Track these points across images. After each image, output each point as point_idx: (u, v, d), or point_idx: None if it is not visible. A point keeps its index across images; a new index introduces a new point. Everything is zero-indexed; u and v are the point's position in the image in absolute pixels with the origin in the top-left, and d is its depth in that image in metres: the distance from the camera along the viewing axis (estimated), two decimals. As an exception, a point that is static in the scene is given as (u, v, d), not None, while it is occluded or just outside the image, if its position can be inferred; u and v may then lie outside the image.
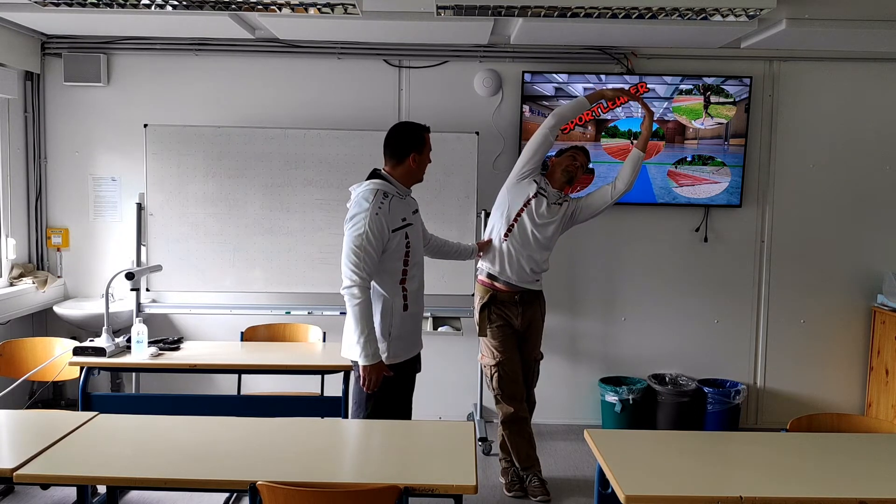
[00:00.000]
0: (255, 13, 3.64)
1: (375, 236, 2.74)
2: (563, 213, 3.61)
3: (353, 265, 2.73)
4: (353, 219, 2.79)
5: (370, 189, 2.82)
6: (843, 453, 2.35)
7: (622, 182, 3.60)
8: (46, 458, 2.19)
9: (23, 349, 3.68)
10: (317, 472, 2.15)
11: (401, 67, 4.55)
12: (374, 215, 2.75)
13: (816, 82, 4.58)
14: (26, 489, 3.55)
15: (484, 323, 3.59)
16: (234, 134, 4.31)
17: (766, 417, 4.76)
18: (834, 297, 4.70)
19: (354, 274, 2.73)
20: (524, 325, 3.62)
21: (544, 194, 3.56)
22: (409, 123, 2.99)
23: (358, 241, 2.74)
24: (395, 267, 2.85)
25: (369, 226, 2.74)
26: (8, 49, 4.19)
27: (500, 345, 3.57)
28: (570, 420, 4.68)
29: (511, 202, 3.57)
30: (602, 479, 2.25)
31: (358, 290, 2.73)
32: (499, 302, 3.58)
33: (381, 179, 2.87)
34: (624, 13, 3.48)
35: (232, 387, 4.27)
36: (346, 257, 2.75)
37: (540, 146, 3.55)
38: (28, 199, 4.61)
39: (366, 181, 2.88)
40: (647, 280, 4.68)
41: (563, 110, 3.58)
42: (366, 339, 2.74)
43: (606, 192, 3.64)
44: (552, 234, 3.59)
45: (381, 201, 2.78)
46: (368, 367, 2.76)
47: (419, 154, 2.91)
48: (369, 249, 2.74)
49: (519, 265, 3.54)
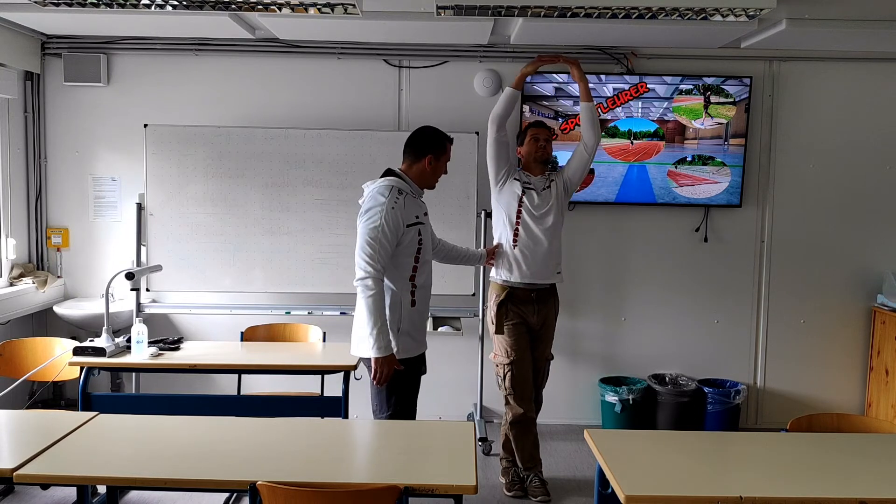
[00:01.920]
0: (255, 13, 3.64)
1: (391, 229, 2.77)
2: (556, 193, 3.60)
3: (368, 256, 2.75)
4: (368, 212, 2.81)
5: (385, 185, 2.86)
6: (843, 453, 2.35)
7: (588, 138, 3.58)
8: (46, 458, 2.19)
9: (23, 349, 3.68)
10: (317, 472, 2.15)
11: (401, 67, 4.55)
12: (391, 209, 2.78)
13: (816, 82, 4.58)
14: (26, 489, 3.55)
15: (501, 320, 3.58)
16: (234, 134, 4.31)
17: (766, 417, 4.76)
18: (834, 297, 4.70)
19: (369, 265, 2.74)
20: (539, 322, 3.61)
21: (531, 187, 3.58)
22: (436, 129, 3.02)
23: (374, 233, 2.75)
24: (405, 262, 2.87)
25: (385, 218, 2.76)
26: (8, 49, 4.19)
27: (514, 343, 3.56)
28: (570, 420, 4.68)
29: (506, 208, 3.58)
30: (602, 479, 2.25)
31: (372, 281, 2.74)
32: (516, 299, 3.58)
33: (396, 177, 2.91)
34: (624, 13, 3.48)
35: (232, 387, 4.27)
36: (361, 249, 2.76)
37: (496, 153, 3.60)
38: (28, 199, 4.61)
39: (380, 178, 2.91)
40: (647, 280, 4.68)
41: (498, 109, 3.59)
42: (378, 330, 2.74)
43: (582, 153, 3.61)
44: (556, 219, 3.58)
45: (397, 197, 2.82)
46: (381, 358, 2.76)
47: (436, 159, 2.95)
48: (384, 242, 2.76)
49: (536, 264, 3.54)
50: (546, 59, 3.63)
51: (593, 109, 3.59)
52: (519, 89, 3.64)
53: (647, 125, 4.47)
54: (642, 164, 4.50)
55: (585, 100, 3.59)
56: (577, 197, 4.51)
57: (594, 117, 3.58)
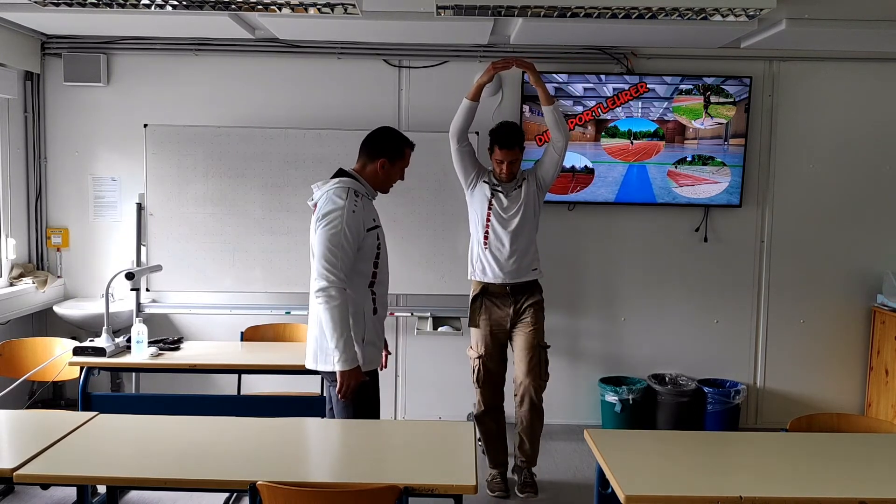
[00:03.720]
0: (255, 13, 3.64)
1: (352, 234, 2.63)
2: (526, 192, 3.59)
3: (330, 264, 2.61)
4: (326, 216, 2.65)
5: (341, 187, 2.70)
6: (843, 453, 2.35)
7: (556, 139, 3.56)
8: (46, 458, 2.19)
9: (23, 349, 3.68)
10: (317, 472, 2.15)
11: (401, 67, 4.55)
12: (351, 213, 2.64)
13: (816, 82, 4.58)
14: (26, 489, 3.55)
15: (475, 314, 3.66)
16: (234, 134, 4.31)
17: (766, 417, 4.76)
18: (834, 297, 4.70)
19: (331, 274, 2.60)
20: (515, 314, 3.63)
21: (499, 189, 3.60)
22: (397, 132, 2.88)
23: (335, 239, 2.61)
24: (365, 269, 2.74)
25: (347, 223, 2.62)
26: (8, 49, 4.19)
27: (482, 339, 3.65)
28: (570, 420, 4.68)
29: (477, 210, 3.64)
30: (602, 479, 2.25)
31: (336, 290, 2.60)
32: (490, 294, 3.64)
33: (350, 178, 2.76)
34: (624, 13, 3.48)
35: (232, 387, 4.26)
36: (322, 257, 2.62)
37: (460, 162, 3.65)
38: (28, 199, 4.61)
39: (333, 179, 2.76)
40: (647, 280, 4.68)
41: (456, 123, 3.59)
42: (345, 342, 2.61)
43: (552, 153, 3.61)
44: (525, 219, 3.58)
45: (355, 200, 2.68)
46: (347, 372, 2.62)
47: (390, 163, 2.81)
48: (346, 248, 2.63)
49: (508, 265, 3.57)
50: (500, 66, 3.57)
51: (556, 111, 3.57)
52: (475, 100, 3.59)
53: (647, 125, 4.47)
54: (642, 164, 4.50)
55: (546, 104, 3.57)
56: (577, 197, 4.52)
57: (558, 118, 3.56)
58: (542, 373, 3.64)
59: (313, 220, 2.73)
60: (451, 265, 4.35)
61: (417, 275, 4.39)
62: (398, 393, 4.73)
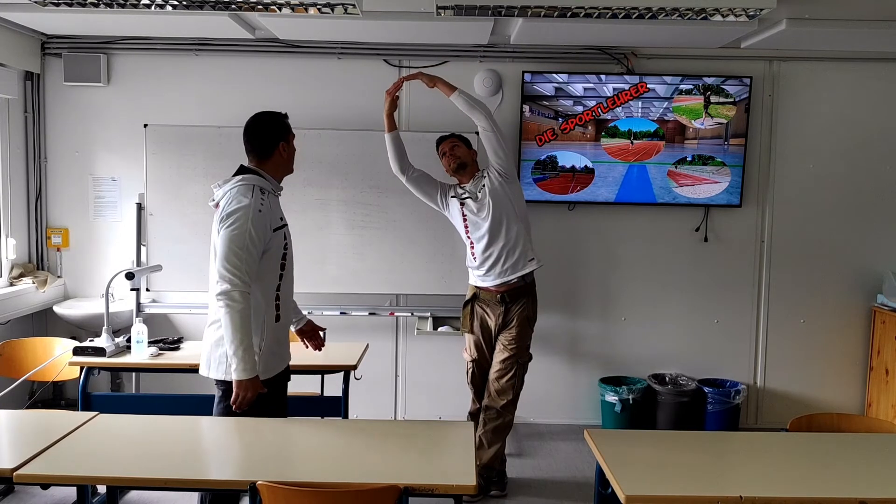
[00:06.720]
0: (255, 13, 3.64)
1: (258, 235, 2.50)
2: (490, 188, 3.50)
3: (234, 267, 2.45)
4: (230, 216, 2.50)
5: (245, 185, 2.56)
6: (843, 453, 2.35)
7: (477, 119, 3.45)
8: (46, 458, 2.19)
9: (23, 349, 3.68)
10: (317, 472, 2.15)
11: (401, 67, 4.55)
12: (258, 212, 2.51)
13: (816, 82, 4.58)
14: (26, 489, 3.55)
15: (466, 319, 3.69)
16: (234, 134, 4.30)
17: (766, 417, 4.76)
18: (834, 297, 4.70)
19: (235, 277, 2.45)
20: (503, 323, 3.59)
21: (466, 196, 3.61)
22: (268, 112, 2.75)
23: (239, 240, 2.46)
24: (270, 271, 2.61)
25: (252, 223, 2.49)
26: (8, 49, 4.19)
27: (473, 343, 3.70)
28: (570, 420, 4.68)
29: (458, 225, 3.67)
30: (602, 479, 2.25)
31: (239, 294, 2.45)
32: (480, 300, 3.65)
33: (254, 175, 2.62)
34: (624, 13, 3.48)
35: (232, 387, 4.26)
36: (225, 258, 2.46)
37: (418, 189, 3.70)
38: (28, 199, 4.61)
39: (235, 177, 2.62)
40: (647, 280, 4.68)
41: (391, 157, 3.62)
42: (245, 349, 2.45)
43: (484, 135, 3.46)
44: (499, 213, 3.49)
45: (262, 198, 2.55)
46: (245, 381, 2.46)
47: (287, 142, 2.71)
48: (251, 250, 2.48)
49: (496, 267, 3.53)
50: (392, 90, 3.53)
51: (461, 95, 3.45)
52: (392, 131, 3.58)
53: (647, 125, 4.47)
54: (642, 164, 4.50)
55: (449, 93, 3.47)
56: (577, 197, 4.52)
57: (468, 101, 3.45)
58: (513, 385, 3.55)
59: (215, 221, 2.58)
60: (451, 265, 4.35)
61: (417, 275, 4.39)
62: (398, 393, 4.73)
